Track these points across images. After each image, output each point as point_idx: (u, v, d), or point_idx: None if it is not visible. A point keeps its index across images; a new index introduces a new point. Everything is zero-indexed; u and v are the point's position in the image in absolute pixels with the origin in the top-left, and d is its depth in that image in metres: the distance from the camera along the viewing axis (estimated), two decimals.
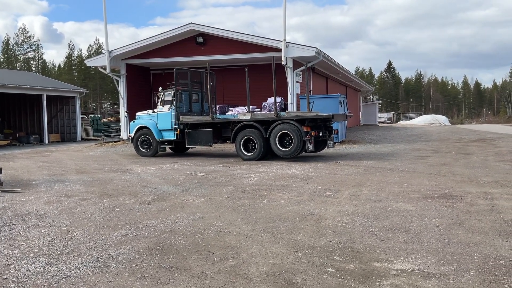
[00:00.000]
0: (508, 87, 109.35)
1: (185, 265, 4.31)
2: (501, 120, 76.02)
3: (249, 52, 20.73)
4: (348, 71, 30.54)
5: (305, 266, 4.23)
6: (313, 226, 5.66)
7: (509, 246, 4.68)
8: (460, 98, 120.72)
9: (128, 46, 22.70)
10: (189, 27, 21.44)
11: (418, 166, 11.38)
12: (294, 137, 13.01)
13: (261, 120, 13.80)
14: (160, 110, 15.79)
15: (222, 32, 21.21)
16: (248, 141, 13.79)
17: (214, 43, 21.42)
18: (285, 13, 19.05)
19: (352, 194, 7.82)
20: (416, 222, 5.76)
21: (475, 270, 4.02)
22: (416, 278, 3.89)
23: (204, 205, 7.15)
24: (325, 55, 20.93)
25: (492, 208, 6.39)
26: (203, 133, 14.71)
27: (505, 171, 10.16)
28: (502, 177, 9.27)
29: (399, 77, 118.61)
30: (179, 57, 22.17)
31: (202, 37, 21.44)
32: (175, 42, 22.12)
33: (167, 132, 15.63)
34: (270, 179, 9.84)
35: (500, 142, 19.92)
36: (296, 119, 13.29)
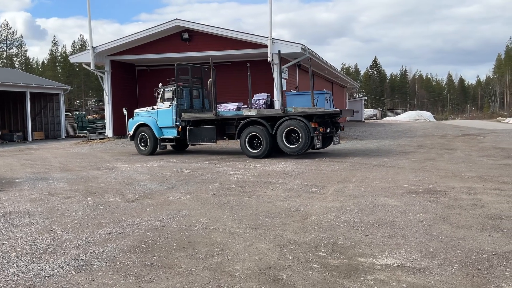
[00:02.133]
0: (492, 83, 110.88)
1: (170, 263, 4.28)
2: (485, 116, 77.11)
3: (235, 49, 20.67)
4: (334, 68, 30.65)
5: (290, 262, 4.23)
6: (299, 222, 5.67)
7: (492, 240, 4.74)
8: (445, 94, 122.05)
9: (112, 42, 22.47)
10: (175, 23, 21.29)
11: (403, 162, 11.47)
12: (301, 133, 12.74)
13: (267, 116, 13.52)
14: (160, 107, 15.35)
15: (208, 28, 21.10)
16: (253, 138, 13.50)
17: (200, 40, 21.30)
18: (270, 10, 19.03)
19: (337, 190, 7.85)
20: (400, 217, 5.80)
21: (459, 265, 4.06)
22: (400, 272, 3.91)
23: (189, 202, 7.12)
24: (311, 52, 20.97)
25: (475, 203, 6.47)
26: (206, 130, 14.35)
27: (488, 166, 10.30)
28: (485, 172, 9.39)
29: (384, 74, 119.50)
30: (164, 53, 22.02)
31: (187, 33, 21.31)
32: (161, 38, 21.95)
33: (168, 130, 15.24)
34: (257, 175, 9.84)
35: (483, 137, 20.20)
36: (304, 115, 12.99)
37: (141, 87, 25.70)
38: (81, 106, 76.51)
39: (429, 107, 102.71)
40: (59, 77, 71.52)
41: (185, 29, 21.36)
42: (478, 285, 3.62)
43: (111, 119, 23.36)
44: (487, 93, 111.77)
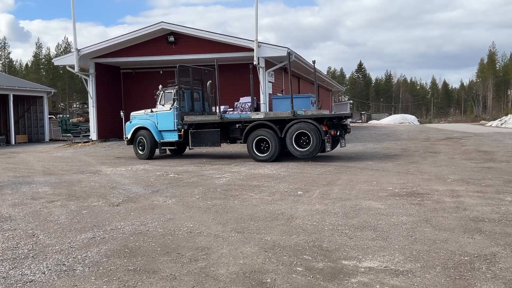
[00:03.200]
0: (475, 87, 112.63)
1: (154, 267, 4.25)
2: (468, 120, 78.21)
3: (221, 52, 20.66)
4: (320, 71, 30.83)
5: (275, 265, 4.23)
6: (284, 226, 5.68)
7: (474, 242, 4.80)
8: (429, 98, 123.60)
9: (97, 44, 22.30)
10: (160, 26, 21.23)
11: (387, 165, 11.57)
12: (312, 136, 12.53)
13: (275, 119, 13.32)
14: (160, 109, 14.79)
15: (194, 31, 21.08)
16: (260, 142, 13.22)
17: (186, 42, 21.26)
18: (256, 13, 19.09)
19: (322, 193, 7.88)
20: (384, 220, 5.85)
21: (441, 267, 4.11)
22: (384, 275, 3.94)
23: (174, 206, 7.08)
24: (297, 55, 21.06)
25: (458, 206, 6.55)
26: (210, 134, 13.99)
27: (471, 169, 10.45)
28: (468, 175, 9.52)
29: (369, 78, 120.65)
30: (149, 56, 21.93)
31: (173, 36, 21.26)
32: (146, 41, 21.86)
33: (169, 133, 14.68)
34: (242, 179, 9.83)
35: (466, 140, 20.47)
36: (315, 117, 12.90)
37: (126, 90, 25.54)
38: (65, 109, 75.67)
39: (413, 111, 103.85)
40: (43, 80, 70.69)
41: (171, 32, 21.30)
42: (460, 287, 3.66)
43: (96, 122, 23.16)
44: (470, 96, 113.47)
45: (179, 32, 21.26)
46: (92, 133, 23.56)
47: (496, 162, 11.59)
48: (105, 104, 23.85)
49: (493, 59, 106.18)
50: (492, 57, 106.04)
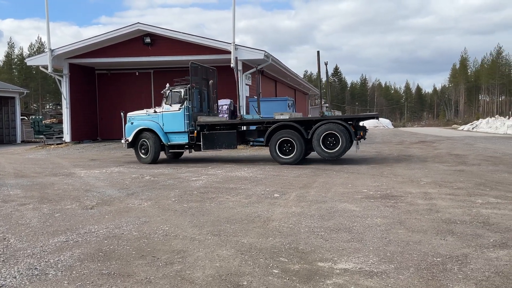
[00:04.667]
0: (447, 92, 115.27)
1: (129, 271, 4.20)
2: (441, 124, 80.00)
3: (198, 54, 20.61)
4: (297, 75, 31.05)
5: (251, 268, 4.23)
6: (260, 228, 5.69)
7: (446, 244, 4.90)
8: (403, 102, 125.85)
9: (72, 45, 21.96)
10: (136, 27, 21.04)
11: (362, 168, 11.72)
12: (342, 137, 12.42)
13: (301, 120, 13.19)
14: (167, 109, 13.85)
15: (171, 33, 20.96)
16: (282, 143, 12.88)
17: (162, 44, 21.13)
18: (234, 16, 19.11)
19: (299, 195, 7.93)
20: (359, 222, 5.92)
21: (414, 268, 4.18)
22: (358, 277, 3.99)
23: (150, 209, 7.01)
24: (273, 59, 21.17)
25: (430, 208, 6.68)
26: (225, 135, 13.39)
27: (443, 171, 10.67)
28: (440, 177, 9.72)
29: (345, 81, 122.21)
30: (125, 57, 21.71)
31: (149, 38, 21.11)
32: (122, 42, 21.64)
33: (177, 135, 13.82)
34: (219, 181, 9.80)
35: (439, 144, 20.93)
36: (344, 118, 12.97)
37: (101, 91, 25.20)
38: (38, 110, 74.04)
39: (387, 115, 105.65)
40: (15, 80, 69.05)
41: (147, 33, 21.13)
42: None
43: (69, 124, 22.76)
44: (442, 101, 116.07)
45: (155, 33, 21.10)
46: (65, 135, 23.14)
47: (467, 165, 11.87)
48: (79, 106, 23.47)
49: (465, 64, 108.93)
50: (464, 63, 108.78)
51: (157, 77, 24.34)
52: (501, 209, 6.48)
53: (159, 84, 24.21)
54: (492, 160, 12.86)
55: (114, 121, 24.86)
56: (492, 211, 6.35)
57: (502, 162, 12.45)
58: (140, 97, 24.34)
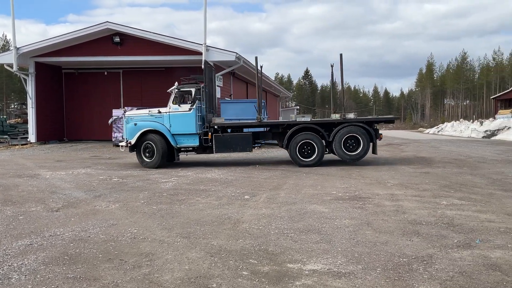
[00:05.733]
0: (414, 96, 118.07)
1: (95, 275, 4.11)
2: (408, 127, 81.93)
3: (169, 54, 20.44)
4: (268, 77, 31.17)
5: (221, 270, 4.22)
6: (231, 230, 5.68)
7: (412, 244, 5.01)
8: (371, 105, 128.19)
9: (38, 43, 21.39)
10: (105, 26, 20.68)
11: (332, 170, 11.86)
12: (363, 140, 12.62)
13: (323, 122, 13.20)
14: (175, 110, 13.00)
15: (141, 33, 20.70)
16: (302, 146, 12.73)
17: (132, 44, 20.84)
18: (205, 17, 19.03)
19: (269, 197, 7.95)
20: (328, 223, 5.99)
21: (381, 269, 4.25)
22: (327, 277, 4.03)
23: (118, 211, 6.89)
24: (245, 60, 21.19)
25: (397, 209, 6.82)
26: (240, 138, 12.96)
27: (410, 174, 10.91)
28: (406, 179, 9.94)
29: (315, 84, 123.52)
30: (93, 56, 21.30)
31: (119, 37, 20.78)
32: (90, 40, 21.23)
33: (186, 137, 13.00)
34: (189, 183, 9.73)
35: (406, 147, 21.41)
36: (366, 121, 13.09)
37: (68, 90, 24.62)
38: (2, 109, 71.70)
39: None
40: None
41: (116, 32, 20.80)
42: None
43: (35, 124, 22.14)
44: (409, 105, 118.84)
45: (125, 32, 20.79)
46: (30, 135, 22.50)
47: (433, 167, 12.18)
48: (45, 105, 22.87)
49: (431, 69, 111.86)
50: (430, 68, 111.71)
51: (127, 77, 23.98)
52: (465, 211, 6.68)
53: (128, 84, 23.89)
54: (456, 163, 13.24)
55: (82, 122, 24.37)
56: (456, 213, 6.53)
57: (466, 164, 12.84)
58: (109, 97, 23.93)
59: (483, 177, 10.15)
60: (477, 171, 11.33)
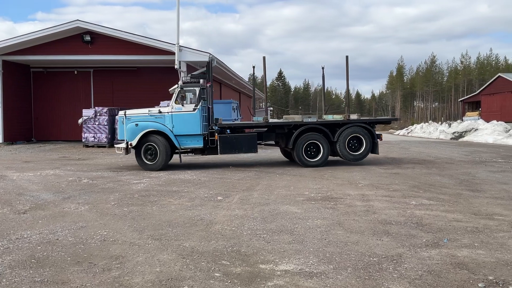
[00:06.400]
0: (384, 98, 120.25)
1: (63, 278, 4.02)
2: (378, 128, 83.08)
3: (141, 54, 20.19)
4: (242, 78, 31.16)
5: (192, 272, 4.18)
6: (203, 231, 5.64)
7: (382, 244, 5.10)
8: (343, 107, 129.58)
9: (5, 41, 20.77)
10: (76, 24, 20.25)
11: (304, 171, 11.94)
12: (366, 140, 12.92)
13: (328, 123, 13.31)
14: (178, 110, 12.45)
15: (112, 32, 20.37)
16: (308, 146, 12.81)
17: (103, 43, 20.47)
18: (178, 16, 18.83)
19: (242, 198, 7.95)
20: (300, 223, 6.02)
21: (352, 268, 4.31)
22: (299, 278, 4.05)
23: (87, 213, 6.75)
24: (218, 61, 21.12)
25: (368, 209, 6.92)
26: (246, 139, 12.76)
27: (380, 174, 11.10)
28: (377, 180, 10.10)
29: (289, 86, 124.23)
30: (63, 55, 20.84)
31: (89, 36, 20.37)
32: (60, 39, 20.75)
33: (189, 138, 12.48)
34: (161, 184, 9.63)
35: None
36: (369, 121, 13.42)
37: (37, 90, 24.01)
38: None
39: None
40: None
41: (87, 31, 20.41)
42: (369, 287, 3.86)
43: (2, 124, 21.49)
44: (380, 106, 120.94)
45: (96, 31, 20.42)
46: None
47: (402, 168, 12.42)
48: (13, 105, 22.23)
49: (401, 72, 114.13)
50: (401, 70, 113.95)
51: (97, 77, 23.57)
52: (434, 210, 6.83)
53: (99, 83, 23.48)
54: (425, 164, 13.53)
55: (51, 122, 23.81)
56: (425, 212, 6.68)
57: (434, 165, 13.14)
58: (79, 97, 23.46)
59: (451, 178, 10.41)
60: (445, 171, 11.61)
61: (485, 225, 5.92)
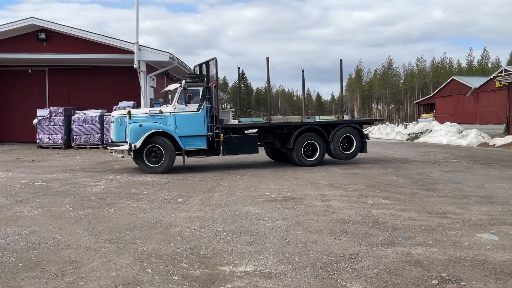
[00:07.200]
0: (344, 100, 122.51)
1: (14, 285, 3.85)
2: None
3: (99, 53, 19.68)
4: None
5: (150, 276, 4.11)
6: (162, 234, 5.56)
7: (340, 243, 5.18)
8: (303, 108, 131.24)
9: None
10: (30, 22, 19.52)
11: (266, 172, 12.00)
12: (356, 139, 13.58)
13: (324, 123, 13.73)
14: (181, 110, 12.04)
15: (69, 30, 19.76)
16: (305, 146, 13.15)
17: (59, 41, 19.82)
18: (137, 15, 18.54)
19: (203, 199, 7.89)
20: (261, 224, 6.04)
21: (311, 268, 4.35)
22: (258, 279, 4.06)
23: (41, 217, 6.51)
24: (179, 61, 20.90)
25: (327, 209, 7.02)
26: (247, 139, 12.78)
27: (339, 174, 11.29)
28: (336, 180, 10.27)
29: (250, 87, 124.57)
30: (16, 53, 20.03)
31: (44, 33, 19.69)
32: (13, 37, 19.93)
33: (193, 139, 12.10)
34: (119, 186, 9.42)
35: None
36: (359, 122, 14.49)
37: None
38: None
39: None
40: None
41: (42, 28, 19.72)
42: (327, 287, 3.91)
43: None
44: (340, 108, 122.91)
45: (51, 29, 19.76)
46: None
47: (360, 168, 12.69)
48: None
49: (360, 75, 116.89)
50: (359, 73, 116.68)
51: (53, 76, 22.80)
52: (390, 209, 7.01)
53: (54, 83, 22.74)
54: (382, 164, 13.88)
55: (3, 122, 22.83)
56: (382, 211, 6.84)
57: (391, 165, 13.49)
58: (34, 97, 22.61)
59: (407, 177, 10.72)
60: (401, 171, 11.95)
61: (438, 223, 6.12)
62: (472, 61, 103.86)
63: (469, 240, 5.28)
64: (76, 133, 19.15)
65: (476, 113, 44.41)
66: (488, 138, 25.09)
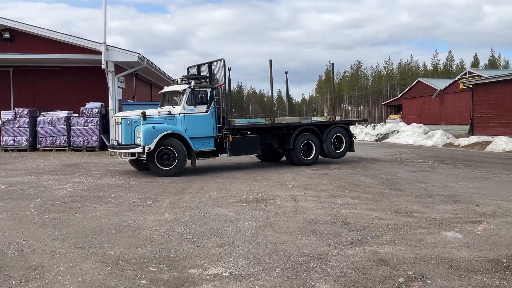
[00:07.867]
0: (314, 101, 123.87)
1: None
2: None
3: (66, 53, 19.24)
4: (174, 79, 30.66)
5: (117, 280, 4.03)
6: (130, 238, 5.47)
7: (309, 243, 5.22)
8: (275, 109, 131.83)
9: None
10: None
11: (237, 173, 11.99)
12: (345, 139, 14.47)
13: (319, 123, 14.35)
14: (191, 111, 11.93)
15: (34, 29, 19.22)
16: (302, 146, 13.66)
17: (24, 40, 19.28)
18: (105, 14, 18.21)
19: (172, 202, 7.81)
20: (231, 226, 6.02)
21: (280, 268, 4.37)
22: (228, 281, 4.04)
23: (4, 221, 6.31)
24: (148, 62, 20.66)
25: (297, 210, 7.07)
26: (251, 140, 12.95)
27: (309, 175, 11.39)
28: (306, 181, 10.35)
29: None
30: None
31: (9, 33, 19.11)
32: None
33: (202, 141, 12.04)
34: (86, 189, 9.22)
35: None
36: (347, 122, 15.37)
37: None
38: None
39: None
40: None
41: (6, 27, 19.13)
42: (296, 287, 3.93)
43: None
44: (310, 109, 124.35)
45: (16, 28, 19.19)
46: None
47: (330, 169, 12.84)
48: None
49: (330, 76, 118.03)
50: (329, 75, 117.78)
51: (18, 76, 22.14)
52: (358, 209, 7.12)
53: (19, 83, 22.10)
54: (351, 164, 14.08)
55: None
56: (350, 211, 6.94)
57: (359, 166, 13.71)
58: None
59: (374, 177, 10.91)
60: (369, 171, 12.15)
61: (405, 222, 6.25)
62: (437, 63, 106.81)
63: (434, 239, 5.41)
64: (42, 135, 18.68)
65: (442, 114, 45.60)
66: (453, 138, 25.83)
